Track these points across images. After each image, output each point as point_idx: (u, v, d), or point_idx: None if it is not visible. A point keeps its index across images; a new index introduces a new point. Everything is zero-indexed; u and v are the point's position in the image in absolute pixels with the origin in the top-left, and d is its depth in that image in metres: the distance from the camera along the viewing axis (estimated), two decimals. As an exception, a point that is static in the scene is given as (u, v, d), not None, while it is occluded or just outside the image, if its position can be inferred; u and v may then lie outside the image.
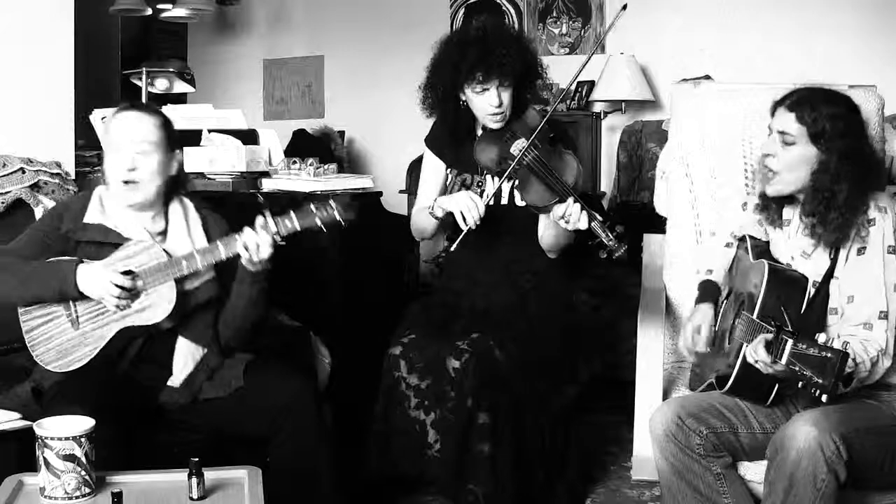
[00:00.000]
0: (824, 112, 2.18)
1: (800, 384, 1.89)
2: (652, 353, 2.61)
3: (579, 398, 2.91)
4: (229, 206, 2.94)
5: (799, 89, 2.25)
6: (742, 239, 2.48)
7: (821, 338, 1.87)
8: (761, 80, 4.23)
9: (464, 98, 2.74)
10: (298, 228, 2.31)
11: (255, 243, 2.28)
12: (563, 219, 2.52)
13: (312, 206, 2.31)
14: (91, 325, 2.33)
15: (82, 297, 2.29)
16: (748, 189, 2.75)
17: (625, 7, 2.67)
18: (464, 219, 2.58)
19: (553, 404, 2.74)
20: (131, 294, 2.29)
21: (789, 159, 2.21)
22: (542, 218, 2.74)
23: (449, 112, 2.79)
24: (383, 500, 2.92)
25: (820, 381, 1.83)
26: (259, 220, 2.31)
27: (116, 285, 2.26)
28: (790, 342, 1.90)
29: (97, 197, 2.45)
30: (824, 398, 1.84)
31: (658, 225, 2.99)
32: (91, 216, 2.41)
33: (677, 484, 2.22)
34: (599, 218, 2.53)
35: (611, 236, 2.49)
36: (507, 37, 2.74)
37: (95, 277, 2.28)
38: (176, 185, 2.48)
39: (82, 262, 2.30)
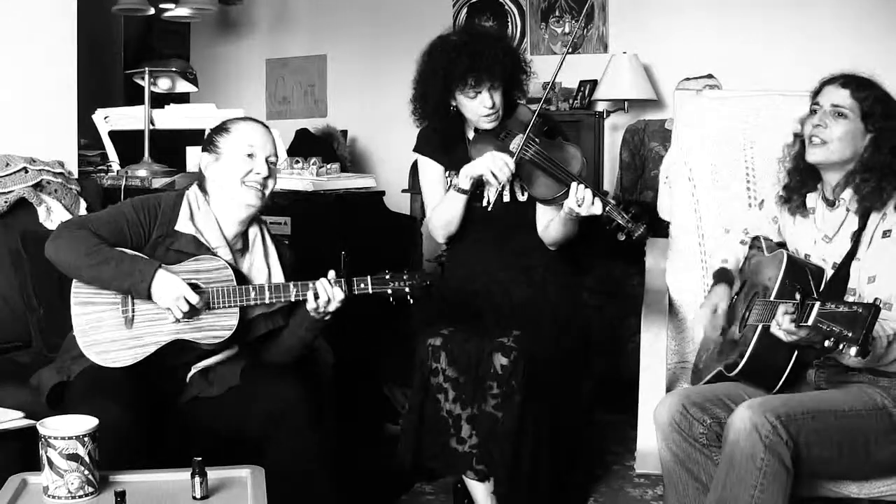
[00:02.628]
0: (873, 94, 2.27)
1: (827, 343, 1.89)
2: (655, 351, 2.62)
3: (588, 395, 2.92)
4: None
5: (843, 73, 2.33)
6: (756, 239, 2.51)
7: (848, 297, 1.88)
8: (762, 79, 4.28)
9: (454, 103, 2.74)
10: (370, 293, 2.38)
11: (327, 297, 2.33)
12: (578, 204, 2.51)
13: (388, 275, 2.39)
14: (145, 328, 2.29)
15: (148, 299, 2.26)
16: (750, 192, 2.77)
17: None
18: (495, 177, 2.59)
19: (577, 399, 2.75)
20: (194, 310, 2.28)
21: (840, 131, 2.27)
22: (544, 212, 2.74)
23: (441, 119, 2.80)
24: (383, 498, 2.92)
25: (850, 334, 1.84)
26: (331, 273, 2.35)
27: (188, 301, 2.24)
28: (817, 304, 1.92)
29: (187, 203, 2.42)
30: (853, 351, 1.84)
31: (660, 227, 3.00)
32: (182, 224, 2.38)
33: (679, 473, 2.26)
34: (612, 201, 2.51)
35: (627, 217, 2.47)
36: (491, 39, 2.75)
37: (171, 287, 2.25)
38: None
39: (161, 266, 2.27)
